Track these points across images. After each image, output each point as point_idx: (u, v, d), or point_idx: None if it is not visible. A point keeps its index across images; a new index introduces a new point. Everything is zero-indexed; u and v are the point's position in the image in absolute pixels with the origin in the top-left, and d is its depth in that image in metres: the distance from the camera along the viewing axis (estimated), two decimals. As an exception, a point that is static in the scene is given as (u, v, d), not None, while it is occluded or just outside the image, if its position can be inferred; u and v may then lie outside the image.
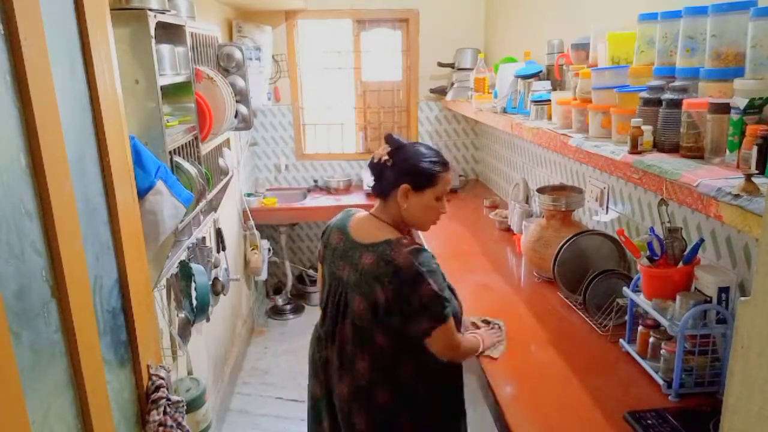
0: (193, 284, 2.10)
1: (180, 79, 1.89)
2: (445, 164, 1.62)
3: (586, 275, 2.00)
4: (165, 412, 1.31)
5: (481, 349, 1.74)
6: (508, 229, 3.07)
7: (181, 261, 2.09)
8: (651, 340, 1.63)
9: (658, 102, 1.40)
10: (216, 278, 2.54)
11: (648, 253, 1.63)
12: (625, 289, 1.74)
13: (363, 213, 1.71)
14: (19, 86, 0.90)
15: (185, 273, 2.11)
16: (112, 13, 1.33)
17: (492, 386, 1.62)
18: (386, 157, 1.60)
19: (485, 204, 3.61)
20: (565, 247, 2.09)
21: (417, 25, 4.16)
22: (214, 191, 2.32)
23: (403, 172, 1.58)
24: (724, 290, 1.46)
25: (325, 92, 4.39)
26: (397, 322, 1.51)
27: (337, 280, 1.61)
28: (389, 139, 1.64)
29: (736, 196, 0.98)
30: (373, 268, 1.50)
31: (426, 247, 1.60)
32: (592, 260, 2.09)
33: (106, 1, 1.26)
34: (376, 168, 1.63)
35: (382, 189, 1.63)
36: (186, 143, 1.93)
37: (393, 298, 1.48)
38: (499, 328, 1.89)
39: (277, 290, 4.36)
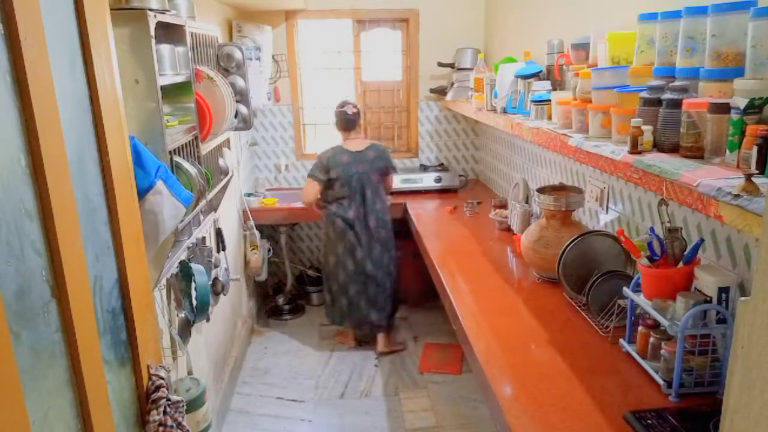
0: (193, 284, 2.10)
1: (180, 79, 1.89)
2: None
3: (591, 276, 1.99)
4: (165, 412, 1.31)
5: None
6: (508, 229, 3.07)
7: (181, 261, 2.09)
8: (651, 340, 1.63)
9: (658, 102, 1.40)
10: (216, 278, 2.54)
11: (648, 253, 1.63)
12: (625, 288, 1.74)
13: (347, 140, 3.50)
14: (19, 86, 0.90)
15: (185, 273, 2.10)
16: (112, 13, 1.32)
17: (492, 386, 1.62)
18: (356, 110, 3.49)
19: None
20: (570, 246, 2.09)
21: (417, 25, 4.16)
22: (214, 191, 2.32)
23: (361, 113, 3.58)
24: (724, 290, 1.46)
25: (325, 92, 4.38)
26: (390, 172, 3.57)
27: (358, 173, 3.39)
28: (347, 102, 3.52)
29: (736, 196, 0.98)
30: (378, 155, 3.46)
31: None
32: (599, 261, 2.08)
33: (106, 1, 1.26)
34: (353, 116, 3.48)
35: (356, 125, 3.51)
36: (186, 143, 1.92)
37: (386, 162, 3.50)
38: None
39: (277, 290, 4.36)
